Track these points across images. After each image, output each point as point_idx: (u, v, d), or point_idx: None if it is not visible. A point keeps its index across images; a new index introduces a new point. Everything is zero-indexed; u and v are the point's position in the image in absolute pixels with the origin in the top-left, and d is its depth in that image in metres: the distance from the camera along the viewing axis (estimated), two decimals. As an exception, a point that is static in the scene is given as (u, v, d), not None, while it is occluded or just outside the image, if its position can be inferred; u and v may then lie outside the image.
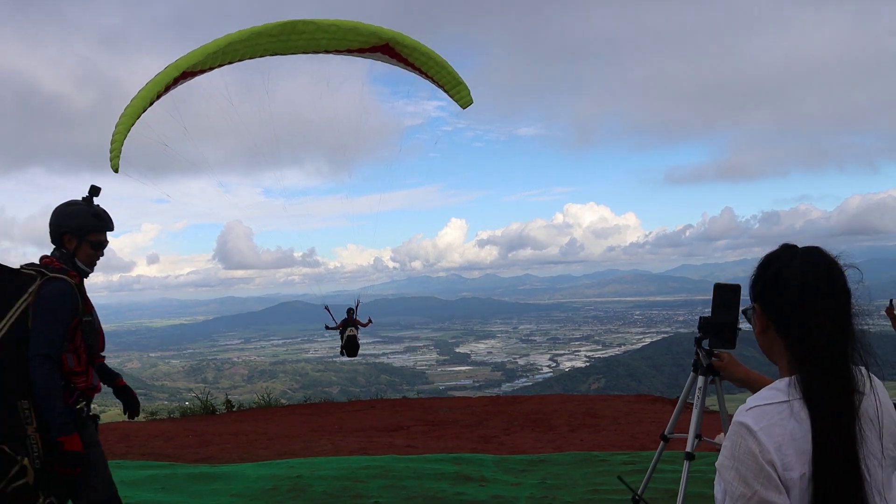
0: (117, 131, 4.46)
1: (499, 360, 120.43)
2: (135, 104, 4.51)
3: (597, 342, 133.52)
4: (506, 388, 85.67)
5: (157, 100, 4.64)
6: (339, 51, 5.43)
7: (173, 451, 8.89)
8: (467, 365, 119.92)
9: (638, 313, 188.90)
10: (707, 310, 3.60)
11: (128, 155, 4.68)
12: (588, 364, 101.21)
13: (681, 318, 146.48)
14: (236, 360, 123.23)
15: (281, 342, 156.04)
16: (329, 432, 10.46)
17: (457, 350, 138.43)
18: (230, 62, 5.02)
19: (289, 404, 15.15)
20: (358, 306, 10.77)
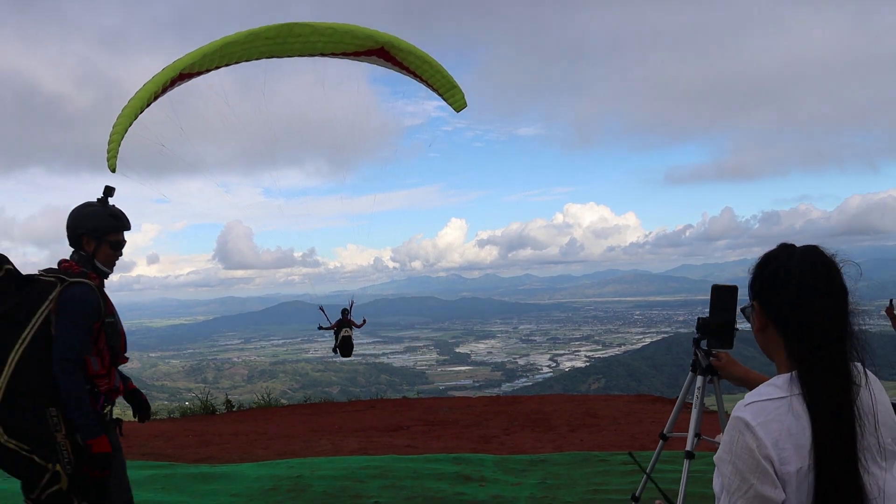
0: (114, 131, 4.48)
1: (499, 360, 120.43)
2: (132, 104, 4.52)
3: (597, 342, 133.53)
4: (506, 388, 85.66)
5: (154, 101, 4.65)
6: (334, 54, 5.45)
7: (173, 451, 8.89)
8: (467, 365, 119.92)
9: (638, 313, 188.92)
10: (706, 310, 3.63)
11: (127, 155, 4.69)
12: (588, 364, 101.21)
13: (681, 318, 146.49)
14: (236, 360, 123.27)
15: (281, 342, 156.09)
16: (329, 432, 10.46)
17: (457, 350, 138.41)
18: (227, 64, 5.04)
19: (289, 404, 15.16)
20: (352, 307, 10.78)
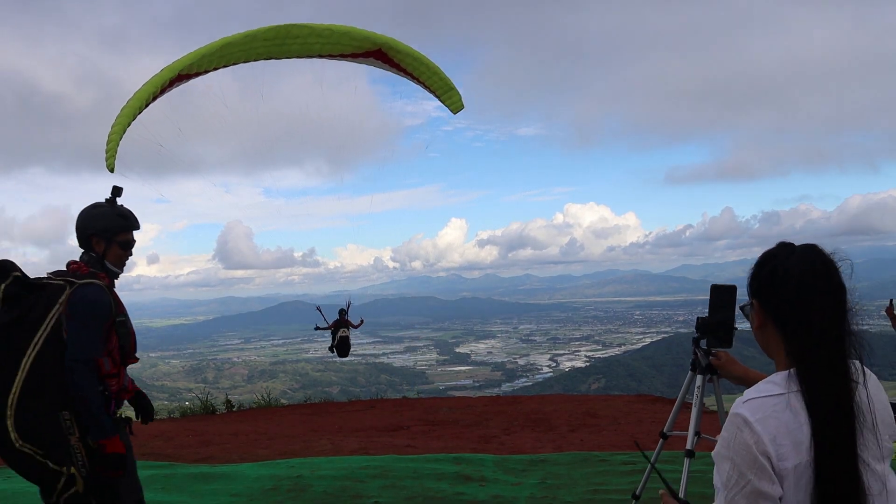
0: (113, 131, 4.49)
1: (499, 360, 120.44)
2: (131, 105, 4.53)
3: (597, 342, 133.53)
4: (506, 388, 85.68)
5: (152, 101, 4.66)
6: (332, 55, 5.47)
7: (173, 451, 8.89)
8: (467, 365, 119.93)
9: (638, 313, 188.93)
10: (706, 310, 3.65)
11: (128, 155, 4.69)
12: (588, 364, 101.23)
13: (681, 318, 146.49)
14: (236, 360, 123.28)
15: (281, 342, 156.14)
16: (329, 432, 10.46)
17: (457, 350, 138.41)
18: (226, 65, 5.05)
19: (289, 404, 15.15)
20: (349, 307, 10.82)
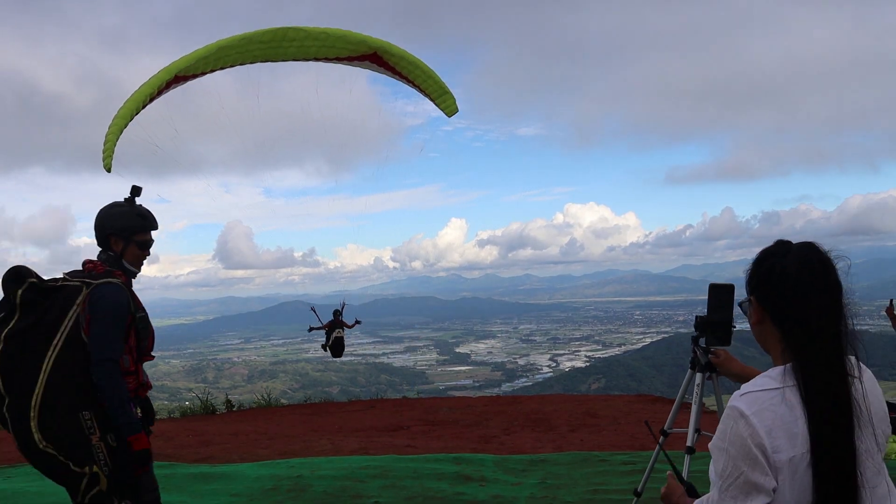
0: (110, 132, 4.50)
1: (499, 360, 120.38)
2: (128, 106, 4.54)
3: (597, 342, 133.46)
4: (506, 388, 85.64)
5: (150, 102, 4.67)
6: (328, 58, 5.48)
7: (173, 451, 8.89)
8: (467, 365, 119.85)
9: (638, 313, 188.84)
10: (705, 310, 3.67)
11: (128, 155, 4.70)
12: (588, 364, 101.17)
13: (681, 318, 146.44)
14: (236, 359, 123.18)
15: (281, 342, 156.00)
16: (329, 432, 10.46)
17: (457, 350, 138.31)
18: (222, 67, 5.06)
19: (289, 404, 15.15)
20: (343, 308, 10.86)
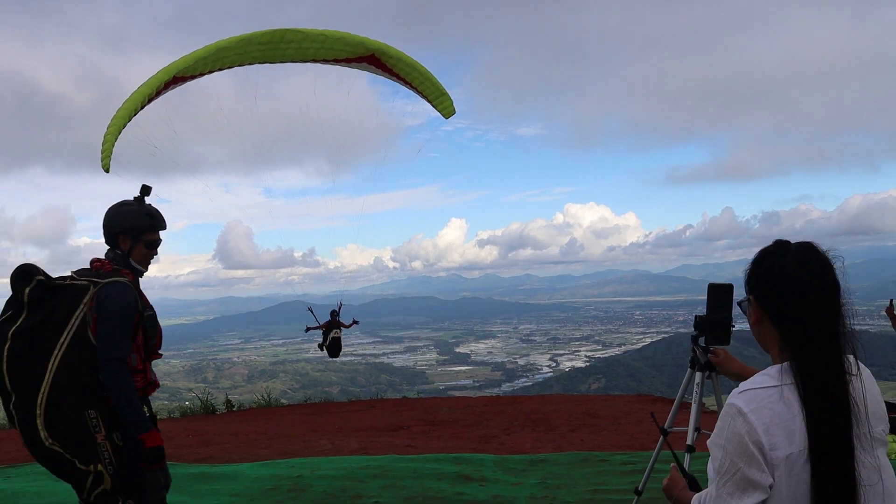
0: (109, 132, 4.51)
1: (499, 360, 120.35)
2: (126, 106, 4.55)
3: (597, 342, 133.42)
4: (506, 388, 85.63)
5: (148, 103, 4.67)
6: (326, 60, 5.49)
7: (173, 451, 8.89)
8: (467, 365, 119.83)
9: (638, 313, 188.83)
10: (705, 309, 3.69)
11: (128, 156, 4.70)
12: (588, 364, 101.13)
13: (681, 318, 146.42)
14: (236, 359, 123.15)
15: (281, 342, 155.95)
16: (329, 432, 10.46)
17: (457, 350, 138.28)
18: (220, 69, 5.07)
19: (289, 404, 15.15)
20: (341, 308, 10.94)
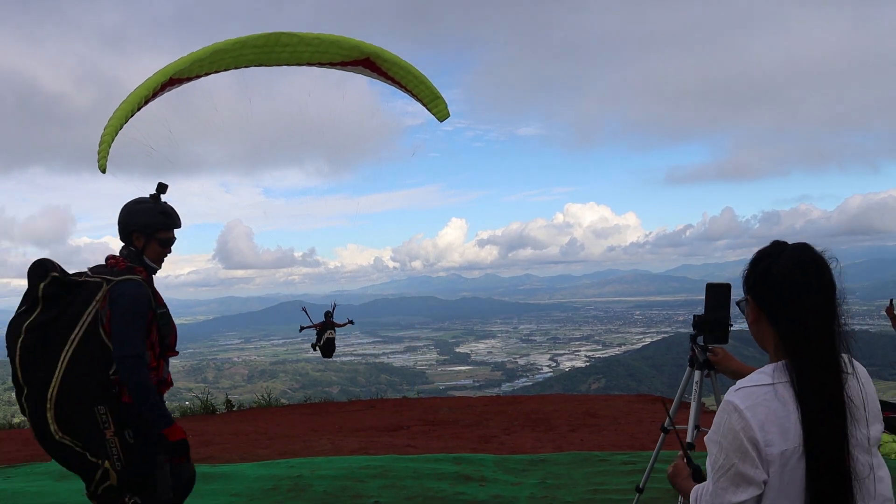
0: (105, 133, 4.53)
1: (499, 360, 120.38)
2: (123, 107, 4.56)
3: (597, 342, 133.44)
4: (506, 387, 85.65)
5: (144, 105, 4.68)
6: (321, 63, 5.50)
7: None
8: (467, 365, 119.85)
9: (638, 313, 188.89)
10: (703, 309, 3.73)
11: (127, 156, 4.70)
12: (588, 364, 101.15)
13: (681, 318, 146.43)
14: (236, 359, 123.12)
15: (281, 342, 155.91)
16: (329, 432, 10.46)
17: (457, 350, 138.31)
18: (217, 71, 5.08)
19: (289, 404, 15.15)
20: (334, 309, 11.00)
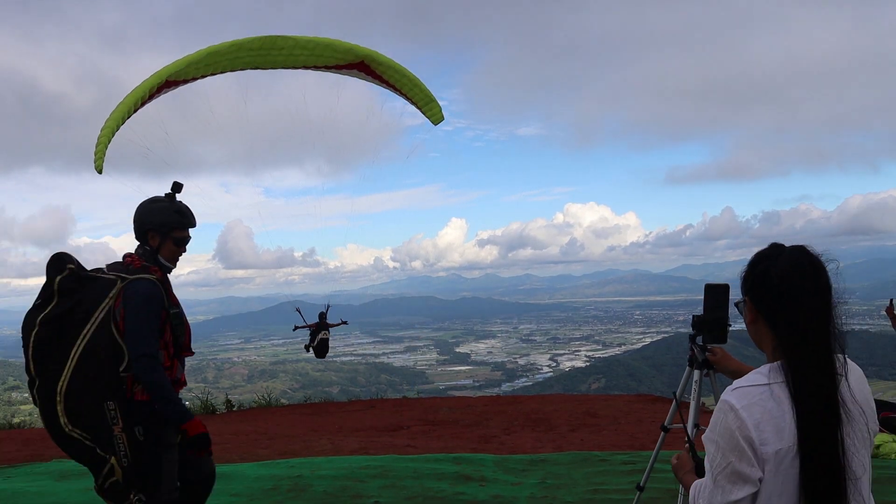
0: (102, 134, 4.55)
1: (499, 360, 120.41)
2: (119, 109, 4.58)
3: (597, 342, 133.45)
4: (506, 387, 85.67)
5: (141, 106, 4.69)
6: (317, 67, 5.51)
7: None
8: (467, 365, 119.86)
9: (638, 313, 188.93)
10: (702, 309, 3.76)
11: (127, 156, 4.70)
12: (588, 364, 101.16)
13: (681, 318, 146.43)
14: (236, 359, 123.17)
15: (281, 342, 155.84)
16: (329, 432, 10.47)
17: (457, 350, 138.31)
18: (212, 73, 5.09)
19: (289, 404, 15.16)
20: (328, 310, 11.06)
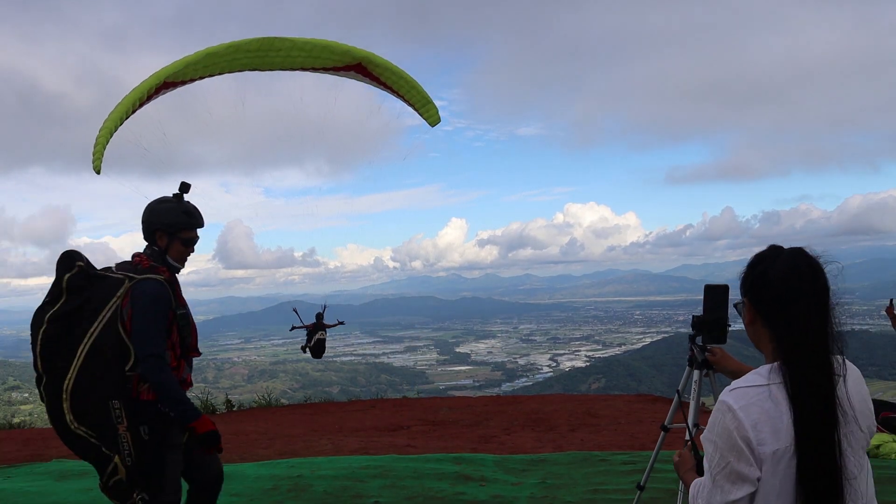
0: (100, 135, 4.56)
1: (499, 360, 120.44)
2: (118, 110, 4.58)
3: (597, 342, 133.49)
4: (506, 387, 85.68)
5: (139, 107, 4.69)
6: (314, 68, 5.51)
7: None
8: (467, 365, 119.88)
9: (638, 313, 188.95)
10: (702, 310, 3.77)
11: (127, 156, 4.71)
12: (588, 364, 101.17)
13: (681, 318, 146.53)
14: (236, 359, 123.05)
15: (281, 342, 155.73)
16: (329, 432, 10.47)
17: (457, 350, 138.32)
18: (210, 75, 5.09)
19: (289, 404, 15.16)
20: (325, 310, 11.11)
